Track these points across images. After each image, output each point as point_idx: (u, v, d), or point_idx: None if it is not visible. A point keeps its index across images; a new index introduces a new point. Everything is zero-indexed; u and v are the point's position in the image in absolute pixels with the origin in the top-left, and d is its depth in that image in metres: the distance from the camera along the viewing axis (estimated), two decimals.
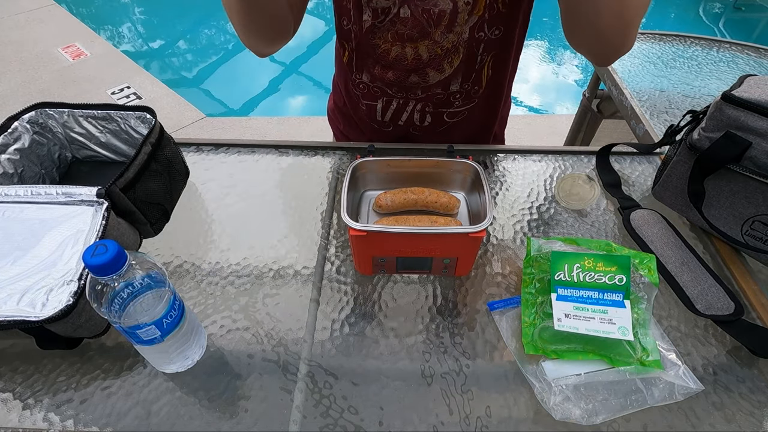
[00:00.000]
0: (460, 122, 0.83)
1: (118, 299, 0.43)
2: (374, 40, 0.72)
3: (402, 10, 0.67)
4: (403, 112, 0.82)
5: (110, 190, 0.58)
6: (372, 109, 0.83)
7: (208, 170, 0.81)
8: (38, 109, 0.71)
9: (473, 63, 0.73)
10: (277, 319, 0.60)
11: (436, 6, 0.66)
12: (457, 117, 0.82)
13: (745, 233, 0.64)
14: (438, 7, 0.66)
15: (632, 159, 0.84)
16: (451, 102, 0.79)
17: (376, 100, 0.81)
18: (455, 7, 0.66)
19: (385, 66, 0.74)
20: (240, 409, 0.51)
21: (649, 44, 1.25)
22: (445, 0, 0.65)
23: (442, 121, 0.82)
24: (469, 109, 0.81)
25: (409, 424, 0.50)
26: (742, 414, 0.51)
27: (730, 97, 0.59)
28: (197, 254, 0.67)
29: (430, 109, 0.80)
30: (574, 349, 0.54)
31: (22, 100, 2.63)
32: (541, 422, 0.50)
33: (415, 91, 0.77)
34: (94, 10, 4.02)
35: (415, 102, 0.80)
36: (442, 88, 0.76)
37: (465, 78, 0.75)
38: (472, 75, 0.75)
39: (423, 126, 0.83)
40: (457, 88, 0.76)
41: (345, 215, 0.55)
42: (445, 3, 0.65)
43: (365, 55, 0.75)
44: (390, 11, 0.67)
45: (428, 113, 0.81)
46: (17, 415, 0.51)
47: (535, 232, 0.71)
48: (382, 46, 0.72)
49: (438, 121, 0.82)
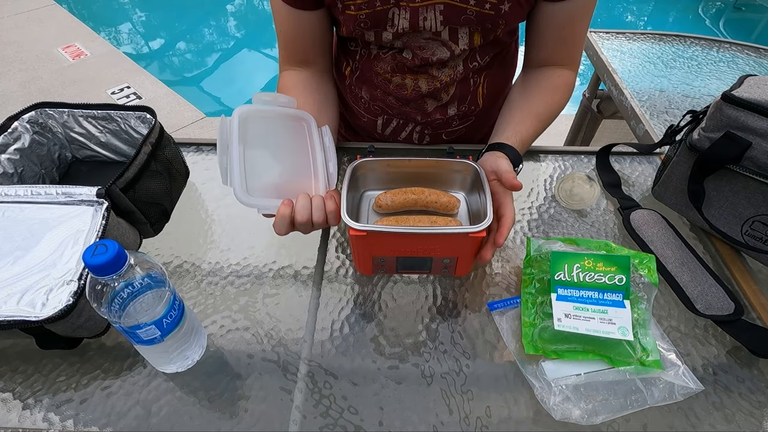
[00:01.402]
0: (458, 138, 0.85)
1: (118, 299, 0.43)
2: (376, 68, 0.74)
3: (405, 51, 0.70)
4: (403, 131, 0.84)
5: (110, 190, 0.58)
6: (372, 123, 0.85)
7: (208, 170, 0.81)
8: (38, 108, 0.71)
9: (468, 87, 0.76)
10: (277, 319, 0.60)
11: (434, 55, 0.69)
12: (455, 135, 0.85)
13: (745, 233, 0.64)
14: (436, 56, 0.69)
15: (632, 159, 0.84)
16: (449, 123, 0.81)
17: (376, 116, 0.83)
18: (452, 54, 0.69)
19: (386, 92, 0.77)
20: (240, 409, 0.51)
21: (649, 44, 1.25)
22: (442, 49, 0.68)
23: (440, 140, 0.85)
24: (467, 127, 0.83)
25: (409, 424, 0.50)
26: (741, 414, 0.51)
27: (730, 97, 0.59)
28: (197, 254, 0.67)
29: (429, 131, 0.83)
30: (574, 349, 0.54)
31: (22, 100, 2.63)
32: (541, 422, 0.50)
33: (414, 116, 0.79)
34: (94, 10, 4.02)
35: (414, 124, 0.82)
36: (440, 114, 0.79)
37: (461, 101, 0.77)
38: (467, 98, 0.77)
39: (422, 144, 0.86)
40: (454, 111, 0.79)
41: (345, 215, 0.55)
42: (442, 51, 0.69)
43: (367, 77, 0.77)
44: (394, 46, 0.70)
45: (427, 134, 0.83)
46: (17, 415, 0.51)
47: (535, 232, 0.71)
48: (383, 75, 0.75)
49: (437, 139, 0.85)
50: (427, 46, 0.68)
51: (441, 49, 0.68)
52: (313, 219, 0.55)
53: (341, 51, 0.80)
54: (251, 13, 4.12)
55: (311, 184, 0.60)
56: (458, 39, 0.67)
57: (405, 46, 0.69)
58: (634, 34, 1.30)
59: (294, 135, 0.62)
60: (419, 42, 0.68)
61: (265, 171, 0.58)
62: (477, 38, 0.67)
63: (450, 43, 0.67)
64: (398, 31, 0.66)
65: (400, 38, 0.68)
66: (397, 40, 0.68)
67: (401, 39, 0.68)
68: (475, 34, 0.66)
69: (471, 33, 0.66)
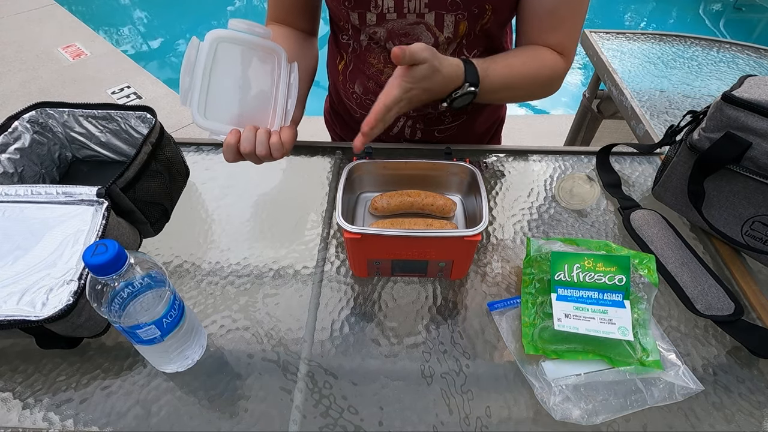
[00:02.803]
0: (450, 136, 0.85)
1: (118, 299, 0.43)
2: (369, 59, 0.74)
3: (388, 44, 0.70)
4: (395, 127, 0.83)
5: (110, 190, 0.58)
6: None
7: (208, 170, 0.81)
8: (38, 108, 0.71)
9: None
10: (277, 318, 0.60)
11: (419, 40, 0.68)
12: (448, 132, 0.84)
13: (745, 234, 0.64)
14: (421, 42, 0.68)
15: (632, 159, 0.84)
16: (441, 120, 0.81)
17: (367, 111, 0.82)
18: (436, 41, 0.68)
19: (378, 84, 0.76)
20: (240, 408, 0.51)
21: (650, 44, 1.25)
22: (426, 34, 0.68)
23: (432, 136, 0.84)
24: (459, 124, 0.83)
25: (409, 424, 0.50)
26: (741, 414, 0.51)
27: (730, 97, 0.59)
28: (197, 254, 0.67)
29: (421, 126, 0.82)
30: (574, 349, 0.54)
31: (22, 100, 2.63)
32: (540, 422, 0.50)
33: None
34: (94, 9, 4.02)
35: (406, 118, 0.81)
36: (432, 108, 0.78)
37: None
38: None
39: (414, 140, 0.85)
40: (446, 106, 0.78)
41: (340, 218, 0.55)
42: (426, 37, 0.68)
43: (359, 69, 0.77)
44: (380, 40, 0.70)
45: (419, 129, 0.83)
46: (17, 415, 0.51)
47: (535, 232, 0.71)
48: (375, 66, 0.74)
49: (429, 136, 0.84)
50: (412, 32, 0.67)
51: (426, 34, 0.68)
52: (256, 151, 0.57)
53: (335, 45, 0.80)
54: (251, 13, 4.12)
55: (267, 118, 0.62)
56: (443, 26, 0.66)
57: (389, 35, 0.68)
58: (635, 35, 1.30)
59: (262, 66, 0.63)
60: (403, 27, 0.67)
61: (225, 97, 0.60)
62: (463, 27, 0.66)
63: (434, 28, 0.67)
64: (382, 12, 0.65)
65: (384, 24, 0.67)
66: (380, 26, 0.67)
67: (385, 25, 0.67)
68: (462, 23, 0.66)
69: (457, 22, 0.66)
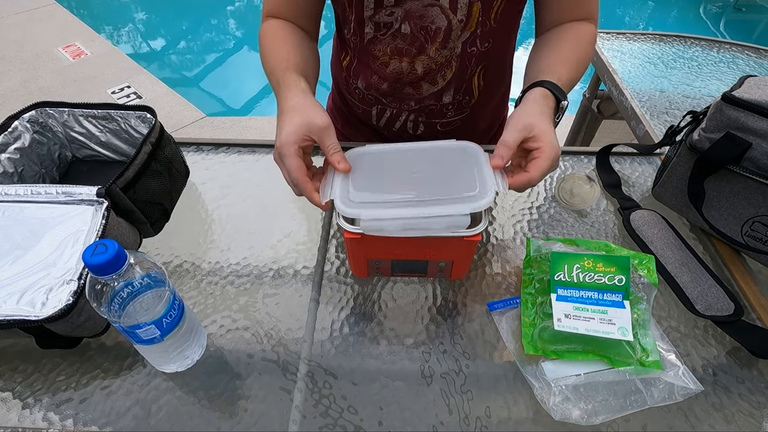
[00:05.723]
0: (452, 131, 0.84)
1: (117, 299, 0.43)
2: (374, 51, 0.74)
3: (403, 26, 0.70)
4: (396, 121, 0.83)
5: (110, 190, 0.58)
6: (367, 114, 0.85)
7: (208, 170, 0.81)
8: (38, 108, 0.71)
9: (464, 75, 0.75)
10: (277, 318, 0.60)
11: (433, 23, 0.69)
12: (450, 126, 0.84)
13: (745, 234, 0.64)
14: (435, 24, 0.69)
15: (632, 159, 0.84)
16: (443, 113, 0.81)
17: (370, 106, 0.83)
18: (449, 24, 0.68)
19: (382, 77, 0.76)
20: (240, 408, 0.51)
21: (650, 45, 1.25)
22: (440, 17, 0.68)
23: (435, 130, 0.84)
24: (462, 119, 0.83)
25: (409, 424, 0.50)
26: (741, 415, 0.51)
27: (730, 97, 0.59)
28: (197, 254, 0.67)
29: (423, 119, 0.82)
30: (574, 349, 0.54)
31: (22, 100, 2.63)
32: (540, 422, 0.50)
33: (408, 102, 0.79)
34: (95, 9, 4.03)
35: (408, 112, 0.81)
36: (434, 100, 0.78)
37: (457, 89, 0.77)
38: (463, 86, 0.77)
39: (416, 135, 0.85)
40: (449, 99, 0.78)
41: (340, 218, 0.55)
42: (440, 20, 0.68)
43: (364, 64, 0.77)
44: (392, 26, 0.70)
45: (421, 123, 0.83)
46: (17, 415, 0.51)
47: (535, 232, 0.71)
48: (381, 58, 0.74)
49: (431, 130, 0.84)
50: (426, 14, 0.68)
51: (440, 17, 0.68)
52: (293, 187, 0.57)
53: (339, 42, 0.80)
54: (251, 13, 4.12)
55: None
56: (457, 8, 0.67)
57: (406, 15, 0.69)
58: (635, 35, 1.30)
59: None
60: (419, 9, 0.68)
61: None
62: (476, 9, 0.67)
63: (448, 10, 0.67)
64: None
65: (403, 3, 0.67)
66: (399, 6, 0.68)
67: (403, 5, 0.67)
68: (475, 5, 0.66)
69: (471, 4, 0.66)
